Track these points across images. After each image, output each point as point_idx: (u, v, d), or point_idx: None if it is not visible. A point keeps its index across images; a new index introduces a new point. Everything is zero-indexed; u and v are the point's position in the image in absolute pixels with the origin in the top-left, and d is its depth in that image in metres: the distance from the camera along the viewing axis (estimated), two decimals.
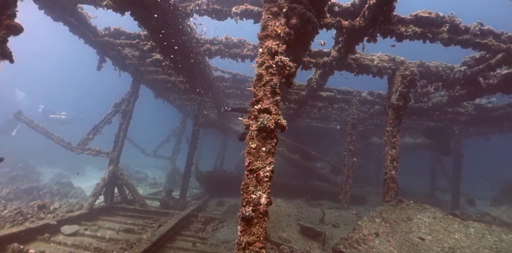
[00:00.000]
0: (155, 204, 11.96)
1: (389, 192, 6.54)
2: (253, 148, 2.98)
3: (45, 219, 7.47)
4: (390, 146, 6.99)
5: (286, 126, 3.09)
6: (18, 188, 12.19)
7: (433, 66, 7.27)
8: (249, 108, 3.19)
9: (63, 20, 6.97)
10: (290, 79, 3.32)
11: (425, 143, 15.05)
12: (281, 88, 3.30)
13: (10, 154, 22.32)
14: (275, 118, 3.04)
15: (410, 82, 6.65)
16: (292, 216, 8.38)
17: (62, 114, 20.55)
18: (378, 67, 7.09)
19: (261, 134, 3.01)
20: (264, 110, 3.09)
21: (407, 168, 25.20)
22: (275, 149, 3.03)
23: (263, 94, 3.16)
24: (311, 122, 17.82)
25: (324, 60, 7.17)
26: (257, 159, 2.95)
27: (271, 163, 2.92)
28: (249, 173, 2.89)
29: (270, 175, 2.87)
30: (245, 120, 3.15)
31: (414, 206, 6.08)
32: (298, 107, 12.78)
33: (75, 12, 6.96)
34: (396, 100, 6.94)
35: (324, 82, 8.46)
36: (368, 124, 15.48)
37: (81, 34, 7.61)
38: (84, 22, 7.41)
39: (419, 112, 11.15)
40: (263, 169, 2.87)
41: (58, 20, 6.95)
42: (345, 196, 9.77)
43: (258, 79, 3.23)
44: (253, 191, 2.82)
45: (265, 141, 3.00)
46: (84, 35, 7.64)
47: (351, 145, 10.31)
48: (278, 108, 3.17)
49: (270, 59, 3.26)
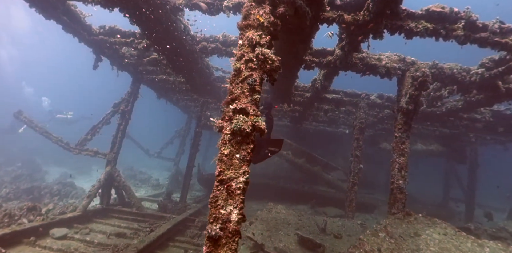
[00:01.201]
0: (155, 207, 11.67)
1: (396, 203, 5.99)
2: (225, 155, 2.56)
3: (34, 221, 7.24)
4: (398, 153, 6.43)
5: (265, 129, 2.66)
6: (19, 187, 12.13)
7: (447, 68, 6.68)
8: (222, 109, 2.77)
9: (55, 18, 6.76)
10: (273, 74, 2.89)
11: (438, 150, 14.27)
12: (262, 85, 2.86)
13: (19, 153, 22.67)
14: (252, 120, 2.61)
15: (421, 84, 6.10)
16: (292, 224, 7.88)
17: (68, 114, 20.66)
18: (387, 67, 6.57)
19: (236, 138, 2.59)
20: (240, 110, 2.67)
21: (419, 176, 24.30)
22: (251, 156, 2.60)
23: (240, 92, 2.75)
24: (319, 125, 17.28)
25: (327, 59, 6.70)
26: (230, 167, 2.52)
27: (246, 172, 2.49)
28: (219, 184, 2.46)
29: (243, 186, 2.43)
30: (218, 122, 2.73)
31: (423, 220, 5.52)
32: (304, 110, 12.29)
33: (67, 10, 6.74)
34: (406, 103, 6.40)
35: (328, 83, 7.97)
36: (378, 129, 14.83)
37: (75, 33, 7.39)
38: (77, 21, 7.19)
39: (432, 118, 10.49)
40: (235, 179, 2.45)
41: (50, 18, 6.74)
42: (350, 204, 9.21)
43: (236, 74, 2.81)
44: (222, 205, 2.39)
45: (239, 146, 2.57)
46: (78, 33, 7.42)
47: (358, 150, 9.75)
48: (258, 109, 2.74)
49: (250, 52, 2.85)
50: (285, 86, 8.76)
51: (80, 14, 7.28)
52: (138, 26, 6.26)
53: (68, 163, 21.96)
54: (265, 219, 7.86)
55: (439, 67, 6.57)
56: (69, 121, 20.66)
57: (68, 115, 20.62)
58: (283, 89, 9.16)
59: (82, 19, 7.41)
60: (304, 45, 5.71)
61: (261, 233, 6.80)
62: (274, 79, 2.93)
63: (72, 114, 20.79)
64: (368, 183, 16.16)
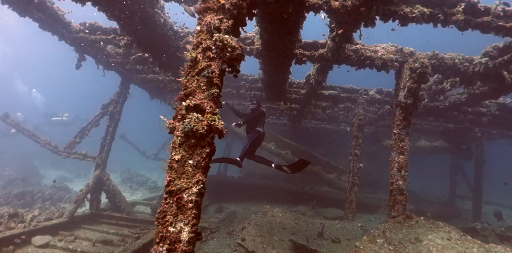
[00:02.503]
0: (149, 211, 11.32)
1: (396, 205, 5.53)
2: (175, 161, 2.14)
3: (15, 228, 6.90)
4: (397, 151, 5.97)
5: (223, 130, 2.24)
6: (10, 192, 11.84)
7: (448, 58, 6.19)
8: (175, 106, 2.36)
9: (30, 15, 6.39)
10: (235, 65, 2.46)
11: (443, 146, 13.71)
12: (222, 78, 2.44)
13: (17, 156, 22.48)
14: (208, 119, 2.20)
15: (420, 76, 5.63)
16: (287, 228, 7.46)
17: (64, 116, 20.40)
18: (383, 59, 6.10)
19: (189, 140, 2.18)
20: (195, 107, 2.25)
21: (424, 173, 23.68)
22: (207, 161, 2.18)
23: (196, 86, 2.33)
24: (319, 124, 16.79)
25: (319, 52, 6.25)
26: (181, 176, 2.11)
27: (200, 182, 2.07)
28: (167, 195, 2.05)
29: (196, 199, 2.02)
30: (169, 121, 2.32)
31: (425, 224, 5.06)
32: (301, 108, 11.84)
33: (42, 6, 6.36)
34: (404, 97, 5.93)
35: (322, 78, 7.52)
36: (380, 125, 14.31)
37: (53, 31, 7.03)
38: (55, 18, 6.81)
39: (435, 113, 9.97)
40: (187, 190, 2.03)
41: (25, 15, 6.38)
42: (350, 205, 8.75)
43: (192, 66, 2.40)
44: (171, 222, 1.98)
45: (193, 150, 2.16)
46: (57, 31, 7.05)
47: (357, 149, 9.28)
48: (216, 106, 2.32)
49: (208, 39, 2.42)
50: (279, 82, 8.34)
51: (57, 11, 6.90)
52: (115, 21, 5.88)
53: (66, 166, 21.71)
54: (259, 223, 7.44)
55: (439, 57, 6.08)
56: (65, 123, 20.41)
57: (63, 118, 20.37)
58: (277, 86, 8.73)
59: (61, 16, 7.03)
60: (290, 37, 5.29)
61: (253, 239, 6.39)
62: (236, 71, 2.51)
63: (67, 116, 20.54)
64: (372, 182, 15.66)
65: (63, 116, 20.36)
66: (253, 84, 10.07)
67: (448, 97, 8.87)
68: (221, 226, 9.79)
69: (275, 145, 14.14)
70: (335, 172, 14.09)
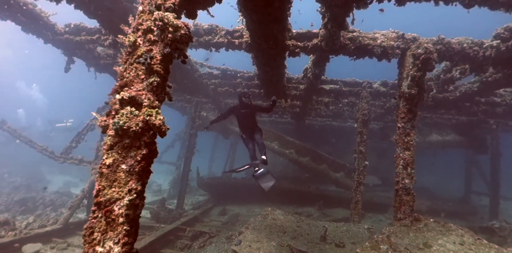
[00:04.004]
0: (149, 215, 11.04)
1: (402, 207, 5.03)
2: (106, 165, 1.75)
3: (5, 237, 6.68)
4: (402, 147, 5.46)
5: (164, 127, 1.84)
6: (12, 199, 11.77)
7: (456, 43, 5.62)
8: (108, 101, 1.97)
9: (11, 18, 6.15)
10: (180, 48, 2.05)
11: (456, 140, 12.99)
12: (167, 65, 2.03)
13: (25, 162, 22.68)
14: (145, 114, 1.79)
15: (425, 63, 5.10)
16: (288, 232, 7.01)
17: (68, 121, 20.47)
18: (383, 47, 5.59)
19: (122, 141, 1.78)
20: (130, 100, 1.86)
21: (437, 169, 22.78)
22: (144, 166, 1.78)
23: (134, 75, 1.93)
24: (325, 121, 16.23)
25: (313, 43, 5.79)
26: (112, 184, 1.71)
27: (133, 190, 1.67)
28: (96, 208, 1.67)
29: (128, 212, 1.62)
30: (101, 118, 1.93)
31: (435, 227, 4.55)
32: (303, 105, 11.37)
33: (24, 9, 6.10)
34: (408, 87, 5.42)
35: (320, 71, 7.05)
36: (388, 121, 13.68)
37: (37, 33, 6.78)
38: (38, 20, 6.55)
39: (446, 105, 9.33)
40: (118, 201, 1.64)
41: (7, 19, 6.14)
42: (356, 206, 8.24)
43: (130, 52, 2.01)
44: (99, 240, 1.59)
45: (127, 153, 1.76)
46: (41, 34, 6.80)
47: (362, 145, 8.75)
48: (157, 98, 1.92)
49: (150, 20, 2.02)
50: (275, 78, 7.90)
51: (41, 13, 6.65)
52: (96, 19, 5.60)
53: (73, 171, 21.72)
54: (257, 227, 7.02)
55: (445, 42, 5.52)
56: (69, 128, 20.46)
57: (67, 123, 20.44)
58: (274, 82, 8.29)
59: (45, 18, 6.78)
60: (278, 26, 4.86)
61: (249, 245, 5.97)
62: (184, 56, 2.10)
63: (71, 121, 20.59)
64: (382, 180, 15.03)
65: (67, 122, 20.44)
66: (250, 82, 9.66)
67: (459, 87, 8.26)
68: (223, 229, 9.44)
69: (278, 144, 13.70)
70: (342, 170, 13.53)
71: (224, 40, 6.10)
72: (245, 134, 6.99)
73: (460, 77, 6.81)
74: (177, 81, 8.35)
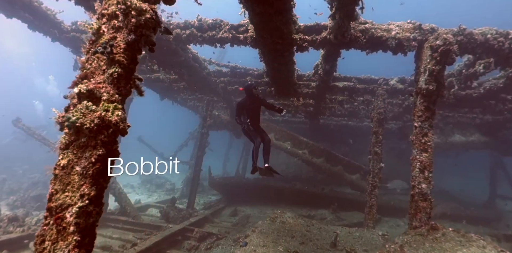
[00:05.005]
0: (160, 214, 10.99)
1: (418, 214, 4.59)
2: (61, 167, 1.53)
3: (13, 232, 6.76)
4: (419, 148, 5.02)
5: (122, 125, 1.59)
6: (28, 195, 12.06)
7: (479, 34, 5.08)
8: (66, 95, 1.75)
9: (17, 16, 6.17)
10: (146, 34, 1.80)
11: (480, 141, 12.14)
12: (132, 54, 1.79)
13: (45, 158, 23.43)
14: (102, 109, 1.55)
15: (444, 55, 4.63)
16: (296, 237, 6.68)
17: None
18: (398, 39, 5.15)
19: (77, 139, 1.55)
20: (88, 94, 1.62)
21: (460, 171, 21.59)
22: (99, 168, 1.54)
23: (96, 65, 1.70)
24: (340, 120, 15.68)
25: (322, 36, 5.43)
26: (65, 187, 1.49)
27: (87, 196, 1.44)
28: (48, 214, 1.46)
29: (80, 221, 1.39)
30: (59, 114, 1.71)
31: (453, 237, 4.09)
32: (316, 103, 10.96)
33: (28, 6, 6.11)
34: (426, 83, 4.96)
35: (330, 67, 6.66)
36: (407, 120, 13.00)
37: (44, 31, 6.80)
38: (44, 18, 6.57)
39: (469, 103, 8.68)
40: (70, 208, 1.41)
41: (12, 16, 6.17)
42: (370, 211, 7.77)
43: (94, 40, 1.78)
44: (49, 250, 1.38)
45: (82, 153, 1.53)
46: (48, 32, 6.81)
47: (377, 146, 8.27)
48: (119, 91, 1.67)
49: (115, 4, 1.78)
50: (285, 75, 7.58)
51: (47, 11, 6.66)
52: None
53: None
54: (265, 231, 6.73)
55: (467, 33, 5.00)
56: None
57: None
58: (283, 79, 7.98)
59: (51, 16, 6.79)
60: (282, 17, 4.55)
61: (254, 250, 5.70)
62: (150, 43, 1.84)
63: None
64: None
65: None
66: (260, 80, 9.38)
67: (483, 84, 7.63)
68: (232, 231, 9.22)
69: (291, 144, 13.32)
70: (358, 172, 12.98)
71: (228, 35, 5.85)
72: (252, 125, 6.61)
73: (484, 72, 6.22)
74: (185, 79, 8.19)
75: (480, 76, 6.55)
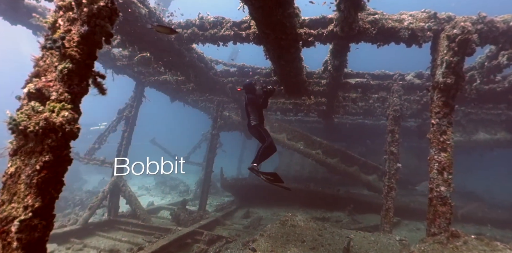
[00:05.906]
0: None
1: (437, 219, 4.19)
2: (9, 175, 1.34)
3: None
4: (437, 147, 4.62)
5: (68, 127, 1.39)
6: None
7: (501, 21, 4.61)
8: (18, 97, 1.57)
9: (21, 22, 6.22)
10: (101, 25, 1.59)
11: (507, 139, 11.34)
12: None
13: None
14: (48, 110, 1.36)
15: (462, 45, 4.22)
16: (307, 241, 6.38)
17: (102, 125, 21.42)
18: (411, 29, 4.76)
19: (25, 144, 1.36)
20: (37, 94, 1.43)
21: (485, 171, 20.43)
22: (46, 177, 1.34)
23: (49, 62, 1.51)
24: (356, 119, 15.14)
25: (328, 29, 5.13)
26: (12, 198, 1.30)
27: (30, 208, 1.25)
28: None
29: (23, 236, 1.20)
30: (12, 116, 1.53)
31: (476, 245, 3.68)
32: (329, 101, 10.58)
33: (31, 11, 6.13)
34: (443, 76, 4.55)
35: (340, 62, 6.32)
36: (426, 118, 12.34)
37: None
38: None
39: (493, 98, 8.06)
40: (15, 219, 1.23)
41: (16, 23, 6.23)
42: (387, 214, 7.34)
43: (49, 35, 1.59)
44: None
45: (29, 159, 1.34)
46: None
47: (393, 145, 7.83)
48: (69, 89, 1.47)
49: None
50: (293, 72, 7.28)
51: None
52: None
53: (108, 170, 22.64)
54: (273, 235, 6.46)
55: (487, 21, 4.55)
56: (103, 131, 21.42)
57: (101, 126, 21.40)
58: (292, 77, 7.67)
59: None
60: (283, 10, 4.29)
61: None
62: (108, 34, 1.63)
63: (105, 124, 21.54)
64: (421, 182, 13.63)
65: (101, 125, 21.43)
66: (268, 78, 9.12)
67: (508, 77, 7.04)
68: (243, 233, 8.99)
69: (304, 144, 12.95)
70: (375, 172, 12.45)
71: (230, 32, 5.64)
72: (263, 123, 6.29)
73: (508, 64, 5.69)
74: (192, 80, 8.06)
75: (504, 69, 6.01)
